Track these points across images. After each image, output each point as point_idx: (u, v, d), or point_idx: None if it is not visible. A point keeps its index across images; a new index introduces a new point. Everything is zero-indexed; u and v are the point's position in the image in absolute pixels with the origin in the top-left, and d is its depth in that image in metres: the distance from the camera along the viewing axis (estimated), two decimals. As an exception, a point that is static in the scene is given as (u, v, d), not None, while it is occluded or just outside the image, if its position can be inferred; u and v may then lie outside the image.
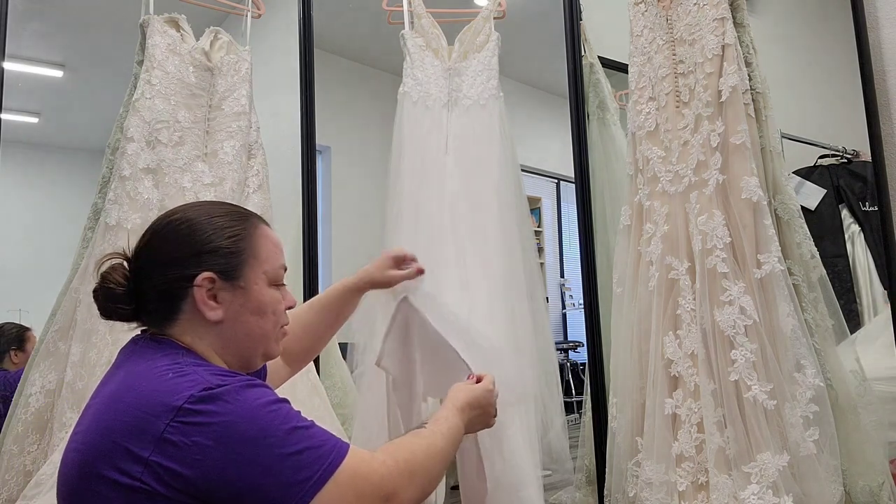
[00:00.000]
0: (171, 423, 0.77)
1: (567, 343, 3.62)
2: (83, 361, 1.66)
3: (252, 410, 0.80)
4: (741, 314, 1.52)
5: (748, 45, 1.74)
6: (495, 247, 1.91)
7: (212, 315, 0.91)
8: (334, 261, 2.57)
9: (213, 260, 0.92)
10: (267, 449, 0.78)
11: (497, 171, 2.00)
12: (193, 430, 0.76)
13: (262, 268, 0.96)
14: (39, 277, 2.21)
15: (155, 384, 0.82)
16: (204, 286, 0.91)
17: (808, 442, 1.45)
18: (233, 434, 0.77)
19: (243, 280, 0.94)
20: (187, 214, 0.95)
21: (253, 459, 0.77)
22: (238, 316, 0.93)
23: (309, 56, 2.21)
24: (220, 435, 0.77)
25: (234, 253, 0.94)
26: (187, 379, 0.81)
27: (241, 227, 0.96)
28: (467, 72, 2.12)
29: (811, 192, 2.13)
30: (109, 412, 0.82)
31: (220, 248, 0.93)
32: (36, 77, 2.36)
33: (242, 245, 0.95)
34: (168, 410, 0.77)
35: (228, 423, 0.78)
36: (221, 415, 0.78)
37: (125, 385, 0.84)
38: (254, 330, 0.95)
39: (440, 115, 2.06)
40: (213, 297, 0.92)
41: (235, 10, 2.20)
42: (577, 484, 2.12)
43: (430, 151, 2.02)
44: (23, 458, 1.66)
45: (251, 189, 1.97)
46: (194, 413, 0.77)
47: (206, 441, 0.76)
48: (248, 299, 0.94)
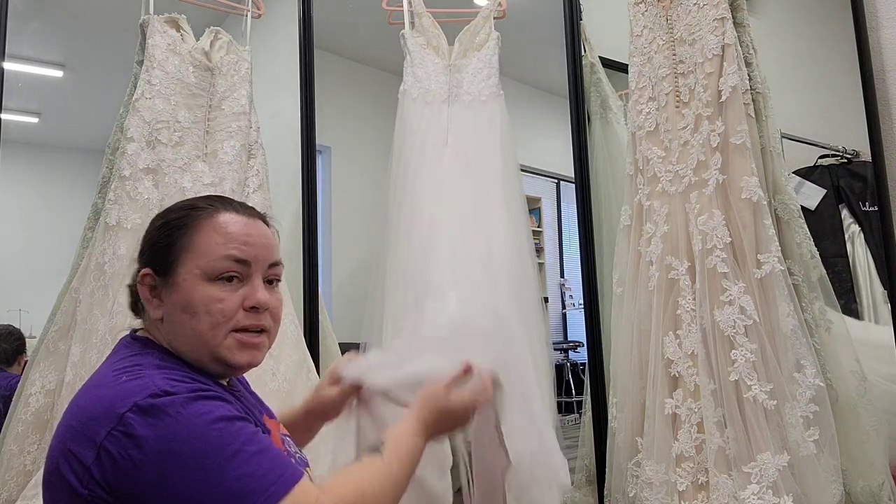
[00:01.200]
0: (111, 431, 0.73)
1: (567, 343, 3.62)
2: (83, 361, 1.66)
3: (193, 428, 0.74)
4: (741, 314, 1.52)
5: (748, 45, 1.74)
6: (496, 241, 1.90)
7: (154, 313, 0.87)
8: (334, 261, 2.57)
9: (149, 255, 0.89)
10: (203, 472, 0.72)
11: (499, 164, 2.00)
12: (130, 444, 0.72)
13: (196, 262, 0.86)
14: (39, 277, 2.21)
15: (106, 388, 0.79)
16: (145, 283, 0.88)
17: (808, 442, 1.45)
18: (169, 452, 0.72)
19: (173, 275, 0.86)
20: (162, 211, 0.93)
21: (186, 482, 0.72)
22: (172, 314, 0.86)
23: (309, 56, 2.21)
24: (155, 452, 0.72)
25: (165, 247, 0.87)
26: (137, 384, 0.77)
27: (179, 219, 0.89)
28: (468, 68, 2.12)
29: (811, 192, 2.13)
30: (69, 415, 0.79)
31: (155, 243, 0.89)
32: (36, 77, 2.36)
33: (175, 237, 0.88)
34: (111, 417, 0.73)
35: (166, 439, 0.72)
36: (160, 429, 0.73)
37: (86, 386, 0.83)
38: (186, 330, 0.86)
39: (440, 110, 2.06)
40: (156, 294, 0.88)
41: (235, 10, 2.19)
42: (577, 484, 2.12)
43: (430, 144, 2.01)
44: (23, 458, 1.66)
45: (251, 189, 1.97)
46: (132, 425, 0.72)
47: (141, 457, 0.71)
48: (177, 297, 0.86)
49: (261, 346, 0.90)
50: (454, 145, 2.02)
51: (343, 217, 2.70)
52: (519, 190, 2.07)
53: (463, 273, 1.83)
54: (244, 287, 0.88)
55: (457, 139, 2.02)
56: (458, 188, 1.96)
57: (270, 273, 0.91)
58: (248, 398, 0.96)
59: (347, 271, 2.62)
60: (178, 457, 0.72)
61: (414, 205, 1.94)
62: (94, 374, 0.85)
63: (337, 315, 2.33)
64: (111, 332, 1.66)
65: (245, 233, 0.89)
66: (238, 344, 0.87)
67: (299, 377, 1.84)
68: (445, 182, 1.96)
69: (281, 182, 2.14)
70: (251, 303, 0.87)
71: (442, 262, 1.83)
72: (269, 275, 0.91)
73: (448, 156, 2.00)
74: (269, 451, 0.77)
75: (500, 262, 1.88)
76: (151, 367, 0.81)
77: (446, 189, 1.95)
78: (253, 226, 0.91)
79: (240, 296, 0.87)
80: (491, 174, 1.99)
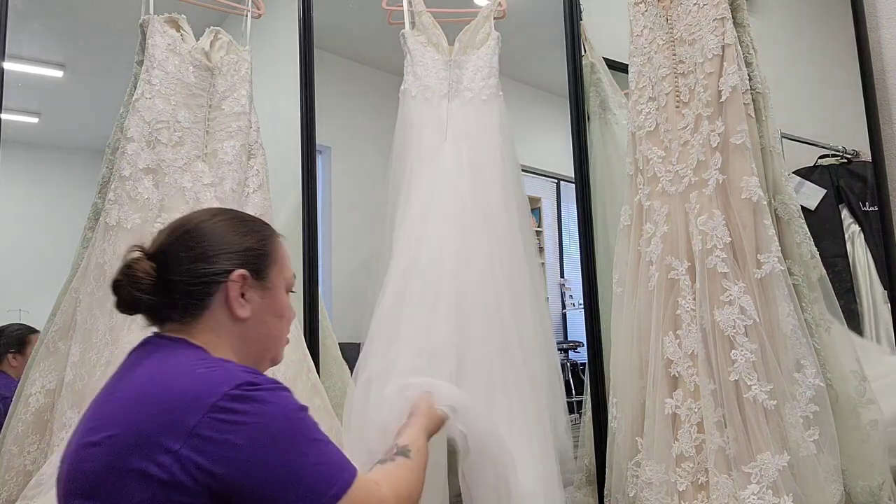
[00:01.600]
0: (203, 417, 0.78)
1: (567, 343, 3.61)
2: (83, 361, 1.66)
3: (284, 414, 0.82)
4: (741, 314, 1.52)
5: (748, 45, 1.74)
6: (496, 241, 1.90)
7: (241, 312, 0.95)
8: (334, 261, 2.57)
9: (245, 258, 0.97)
10: (294, 455, 0.80)
11: (499, 161, 1.99)
12: (227, 428, 0.78)
13: (283, 273, 1.02)
14: (39, 277, 2.21)
15: (185, 379, 0.84)
16: (238, 283, 0.95)
17: (808, 442, 1.45)
18: (265, 436, 0.79)
19: (269, 282, 0.99)
20: (215, 216, 1.00)
21: (281, 463, 0.79)
22: (261, 315, 0.98)
23: (309, 56, 2.21)
24: (252, 435, 0.78)
25: (264, 255, 0.99)
26: (219, 374, 0.83)
27: (267, 232, 1.03)
28: (468, 65, 2.11)
29: (811, 192, 2.13)
30: (138, 407, 0.82)
31: (253, 248, 0.98)
32: (36, 77, 2.36)
33: (268, 248, 1.01)
34: (201, 406, 0.79)
35: (262, 425, 0.79)
36: (255, 415, 0.80)
37: (152, 380, 0.86)
38: (272, 331, 1.00)
39: (439, 105, 2.05)
40: (242, 294, 0.95)
41: (235, 10, 2.19)
42: (577, 484, 2.12)
43: (429, 139, 2.00)
44: (23, 458, 1.66)
45: (251, 189, 1.97)
46: (228, 411, 0.79)
47: (238, 440, 0.78)
48: (272, 300, 0.99)
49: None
50: (453, 140, 2.00)
51: (343, 217, 2.70)
52: (520, 191, 2.06)
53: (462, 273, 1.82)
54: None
55: (456, 134, 2.01)
56: (456, 184, 1.94)
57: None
58: None
59: (347, 271, 2.62)
60: (275, 439, 0.80)
61: (411, 200, 1.92)
62: (150, 370, 0.89)
63: (337, 315, 2.33)
64: (111, 331, 1.66)
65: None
66: (285, 343, 1.05)
67: (299, 377, 1.84)
68: (443, 177, 1.94)
69: (281, 182, 2.14)
70: (294, 314, 1.08)
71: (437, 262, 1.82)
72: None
73: (447, 150, 1.99)
74: (331, 443, 0.87)
75: (502, 261, 1.88)
76: (220, 361, 0.89)
77: (444, 184, 1.93)
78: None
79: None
80: (491, 173, 1.98)
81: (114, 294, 0.95)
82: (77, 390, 1.64)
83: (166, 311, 0.95)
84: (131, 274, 0.93)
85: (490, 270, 1.84)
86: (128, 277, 0.93)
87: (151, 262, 0.94)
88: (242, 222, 1.01)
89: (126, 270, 0.94)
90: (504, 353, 1.74)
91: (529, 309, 1.88)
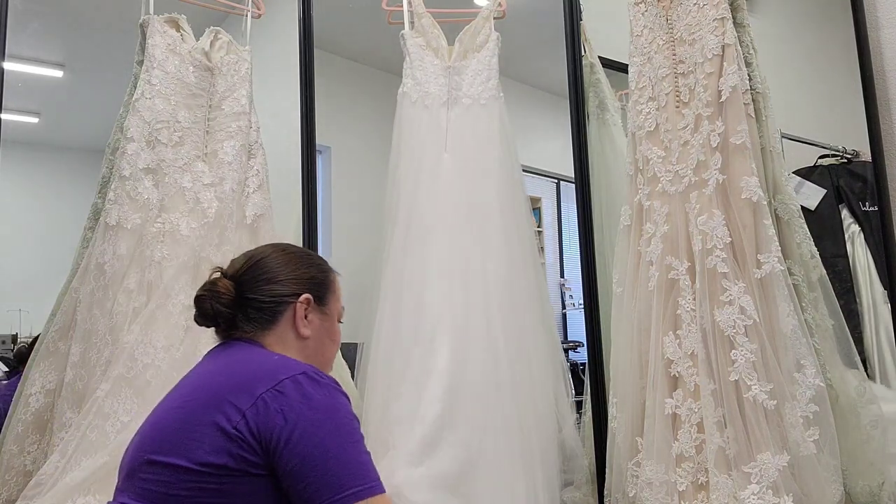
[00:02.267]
0: (272, 388, 0.90)
1: (567, 343, 3.61)
2: (83, 361, 1.66)
3: (342, 409, 0.94)
4: (741, 314, 1.52)
5: (748, 45, 1.74)
6: (496, 247, 1.90)
7: (304, 331, 1.09)
8: (334, 261, 2.56)
9: (310, 285, 1.12)
10: (345, 441, 0.90)
11: (497, 171, 1.99)
12: (284, 402, 0.89)
13: (337, 303, 1.18)
14: (39, 277, 2.21)
15: (262, 360, 0.98)
16: (304, 304, 1.10)
17: (808, 442, 1.45)
18: (325, 414, 0.90)
19: (328, 308, 1.15)
20: (284, 250, 1.16)
21: (317, 445, 0.88)
22: (320, 336, 1.12)
23: (309, 56, 2.21)
24: (315, 407, 0.90)
25: (325, 284, 1.16)
26: (293, 362, 0.98)
27: (327, 267, 1.20)
28: (467, 70, 2.11)
29: (811, 192, 2.13)
30: (219, 377, 0.97)
31: (316, 278, 1.14)
32: (36, 77, 2.36)
33: (328, 280, 1.17)
34: (272, 379, 0.92)
35: (315, 408, 0.90)
36: (321, 398, 0.92)
37: (234, 361, 1.00)
38: (326, 353, 1.15)
39: (439, 113, 2.05)
40: (305, 315, 1.10)
41: (235, 10, 2.19)
42: (577, 484, 2.12)
43: (429, 149, 2.00)
44: (23, 458, 1.67)
45: (251, 189, 1.96)
46: (300, 385, 0.92)
47: (291, 414, 0.89)
48: (329, 325, 1.15)
49: None
50: (453, 150, 2.00)
51: (343, 217, 2.70)
52: (521, 194, 2.06)
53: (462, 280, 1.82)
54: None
55: (456, 143, 2.01)
56: (457, 194, 1.94)
57: None
58: None
59: (347, 271, 2.61)
60: (333, 420, 0.91)
61: (412, 211, 1.92)
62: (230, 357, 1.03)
63: (337, 315, 2.32)
64: (111, 332, 1.66)
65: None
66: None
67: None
68: (443, 188, 1.95)
69: (281, 182, 2.14)
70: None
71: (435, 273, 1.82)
72: None
73: (447, 160, 1.99)
74: (372, 460, 0.94)
75: (501, 266, 1.87)
76: (292, 358, 1.01)
77: (444, 195, 1.93)
78: None
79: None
80: (491, 180, 1.97)
81: (196, 307, 1.07)
82: (77, 390, 1.64)
83: (241, 323, 1.07)
84: (214, 290, 1.07)
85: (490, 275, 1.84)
86: (211, 293, 1.06)
87: (230, 281, 1.09)
88: (308, 256, 1.18)
89: (210, 287, 1.07)
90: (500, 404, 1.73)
91: (531, 329, 1.88)
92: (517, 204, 2.01)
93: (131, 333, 1.63)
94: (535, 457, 1.72)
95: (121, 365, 1.59)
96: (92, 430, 1.53)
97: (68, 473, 1.47)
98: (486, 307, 1.81)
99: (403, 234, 1.90)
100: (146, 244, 1.76)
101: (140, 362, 1.61)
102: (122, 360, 1.60)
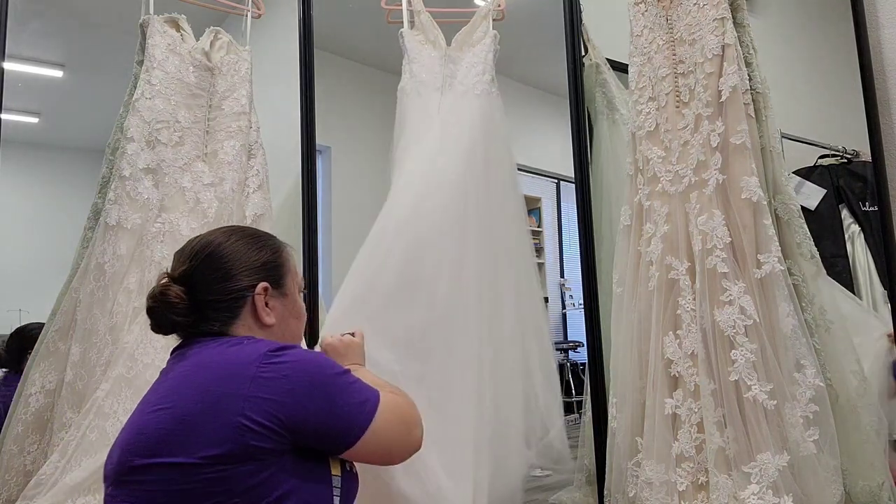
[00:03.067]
0: (261, 364, 0.94)
1: (567, 343, 3.62)
2: (83, 361, 1.66)
3: (316, 356, 1.03)
4: (741, 314, 1.52)
5: (748, 45, 1.74)
6: (486, 239, 1.87)
7: (268, 320, 1.08)
8: (334, 261, 2.57)
9: (265, 272, 1.09)
10: (335, 378, 0.99)
11: (490, 159, 1.96)
12: (281, 367, 0.95)
13: (294, 279, 1.14)
14: (39, 277, 2.21)
15: (236, 350, 0.99)
16: (262, 294, 1.08)
17: (808, 442, 1.45)
18: (309, 368, 0.97)
19: (286, 289, 1.12)
20: (230, 237, 1.11)
21: (327, 384, 0.98)
22: (284, 320, 1.11)
23: (309, 56, 2.21)
24: (300, 369, 0.96)
25: (279, 265, 1.12)
26: (262, 342, 1.00)
27: (278, 244, 1.15)
28: (463, 61, 2.10)
29: (811, 192, 2.13)
30: (198, 376, 0.96)
31: (269, 262, 1.11)
32: (36, 77, 2.36)
33: (282, 259, 1.13)
34: (255, 358, 0.95)
35: (305, 361, 0.98)
36: (296, 357, 0.98)
37: (207, 358, 0.99)
38: (295, 332, 1.14)
39: (431, 97, 2.03)
40: (266, 304, 1.08)
41: (235, 10, 2.20)
42: (577, 484, 2.12)
43: (422, 134, 1.98)
44: (23, 458, 1.66)
45: (251, 189, 1.96)
46: (276, 356, 0.96)
47: (293, 374, 0.95)
48: (290, 304, 1.13)
49: None
50: (441, 126, 1.97)
51: (343, 217, 2.70)
52: (515, 189, 2.03)
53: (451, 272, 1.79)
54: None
55: (448, 127, 1.96)
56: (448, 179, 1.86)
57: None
58: None
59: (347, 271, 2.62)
60: (318, 369, 0.99)
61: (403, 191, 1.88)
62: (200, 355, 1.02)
63: (337, 315, 2.32)
64: (111, 332, 1.66)
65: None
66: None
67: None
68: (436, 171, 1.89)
69: (281, 182, 2.14)
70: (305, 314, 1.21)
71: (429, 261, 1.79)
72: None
73: (435, 134, 1.95)
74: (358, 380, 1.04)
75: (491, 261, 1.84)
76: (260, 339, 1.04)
77: (436, 179, 1.88)
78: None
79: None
80: (483, 168, 1.93)
81: (150, 318, 1.05)
82: (77, 390, 1.64)
83: (202, 326, 1.05)
84: (165, 300, 1.03)
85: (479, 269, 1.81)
86: (162, 303, 1.03)
87: (181, 285, 1.04)
88: (256, 239, 1.12)
89: (159, 297, 1.03)
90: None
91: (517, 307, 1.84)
92: (511, 197, 1.98)
93: (131, 333, 1.63)
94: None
95: (121, 365, 1.59)
96: (92, 430, 1.53)
97: (68, 473, 1.47)
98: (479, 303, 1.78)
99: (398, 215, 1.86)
100: (146, 244, 1.76)
101: (140, 362, 1.61)
102: (123, 360, 1.60)
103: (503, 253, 1.89)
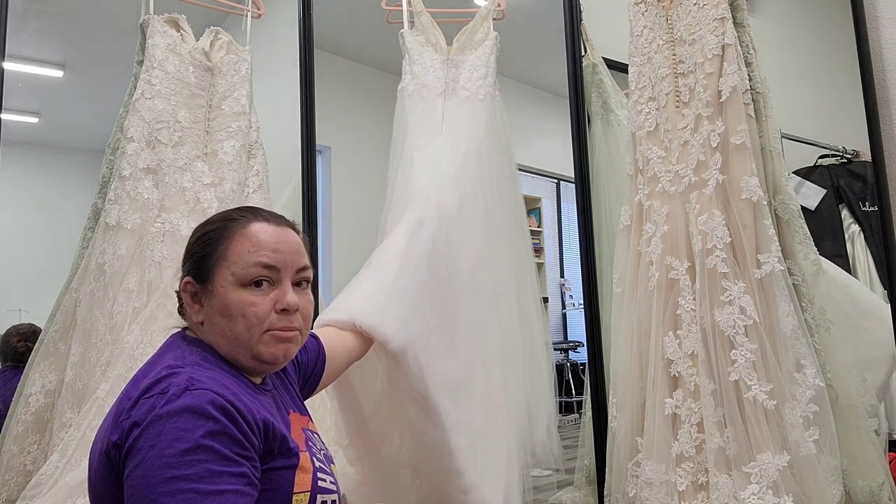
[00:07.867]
0: (123, 417, 0.81)
1: (567, 343, 3.62)
2: (83, 361, 1.66)
3: (165, 458, 0.76)
4: (741, 314, 1.52)
5: (748, 45, 1.74)
6: (485, 240, 1.87)
7: (195, 317, 0.95)
8: (334, 261, 2.57)
9: (189, 265, 0.97)
10: (170, 482, 0.75)
11: (492, 162, 1.97)
12: (133, 434, 0.79)
13: (231, 269, 0.93)
14: (39, 277, 2.21)
15: (144, 369, 0.89)
16: (187, 290, 0.96)
17: (808, 442, 1.45)
18: (147, 476, 0.75)
19: (211, 283, 0.94)
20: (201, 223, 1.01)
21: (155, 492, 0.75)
22: (211, 318, 0.94)
23: (309, 56, 2.21)
24: (140, 463, 0.77)
25: (203, 257, 0.95)
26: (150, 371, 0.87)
27: (214, 230, 0.97)
28: (465, 65, 2.10)
29: (811, 192, 2.13)
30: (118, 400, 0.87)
31: (194, 254, 0.97)
32: (36, 77, 2.36)
33: (211, 248, 0.95)
34: (126, 404, 0.82)
35: (148, 459, 0.76)
36: (145, 449, 0.77)
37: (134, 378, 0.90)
38: (224, 332, 0.93)
39: (436, 103, 2.04)
40: (196, 300, 0.95)
41: (235, 10, 2.20)
42: (577, 484, 2.12)
43: (425, 133, 1.99)
44: (23, 458, 1.66)
45: (251, 189, 1.97)
46: (132, 413, 0.81)
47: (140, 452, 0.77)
48: (217, 302, 0.93)
49: (294, 339, 0.96)
50: (448, 136, 1.97)
51: (343, 217, 2.70)
52: (515, 191, 2.04)
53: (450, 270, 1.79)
54: (275, 291, 0.94)
55: (451, 132, 1.99)
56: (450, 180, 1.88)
57: (299, 276, 0.97)
58: (282, 395, 1.03)
59: (347, 271, 2.61)
60: (157, 467, 0.77)
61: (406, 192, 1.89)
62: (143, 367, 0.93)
63: (337, 315, 2.32)
64: (111, 331, 1.66)
65: (274, 240, 0.96)
66: (272, 339, 0.93)
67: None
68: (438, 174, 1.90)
69: (281, 182, 2.14)
70: (281, 305, 0.94)
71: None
72: (298, 278, 0.97)
73: (443, 140, 1.96)
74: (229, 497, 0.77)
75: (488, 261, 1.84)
76: (192, 366, 0.88)
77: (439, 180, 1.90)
78: (282, 233, 0.98)
79: (271, 299, 0.93)
80: (485, 172, 1.95)
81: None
82: (77, 390, 1.64)
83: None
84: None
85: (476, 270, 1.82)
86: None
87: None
88: (198, 228, 1.00)
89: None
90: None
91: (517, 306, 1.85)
92: (510, 198, 1.99)
93: (131, 333, 1.63)
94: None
95: (121, 365, 1.59)
96: (92, 431, 1.53)
97: (68, 473, 1.47)
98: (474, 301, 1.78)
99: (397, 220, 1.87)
100: (146, 244, 1.76)
101: (140, 362, 1.60)
102: (123, 360, 1.60)
103: (504, 256, 1.90)
